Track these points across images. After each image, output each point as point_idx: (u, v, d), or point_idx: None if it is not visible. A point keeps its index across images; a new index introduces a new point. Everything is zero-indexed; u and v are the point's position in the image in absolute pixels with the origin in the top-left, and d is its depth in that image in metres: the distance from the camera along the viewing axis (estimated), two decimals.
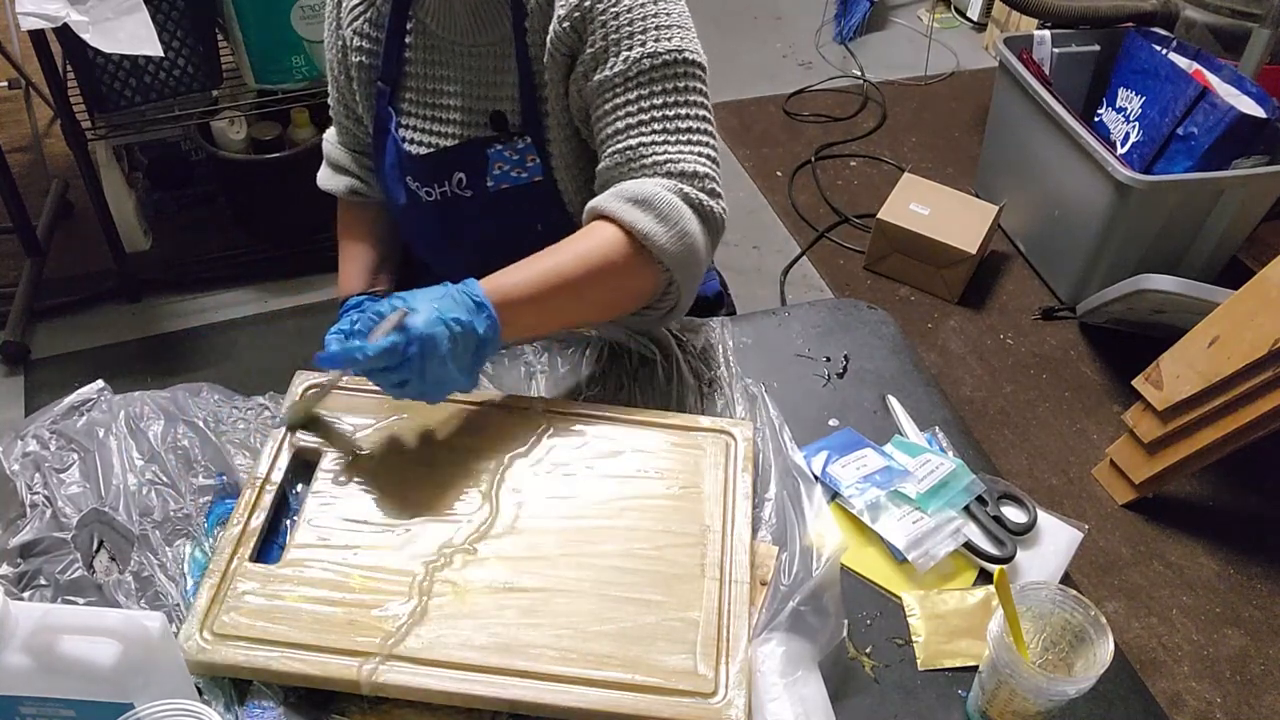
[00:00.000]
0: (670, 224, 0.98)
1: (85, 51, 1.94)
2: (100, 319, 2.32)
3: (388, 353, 0.86)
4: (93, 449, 0.98)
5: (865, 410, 1.10)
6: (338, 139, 1.28)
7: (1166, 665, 1.80)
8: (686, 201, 1.00)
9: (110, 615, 0.75)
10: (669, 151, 1.01)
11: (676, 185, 1.00)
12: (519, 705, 0.81)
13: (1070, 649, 0.83)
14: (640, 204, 0.98)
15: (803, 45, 3.36)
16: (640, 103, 1.02)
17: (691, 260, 1.00)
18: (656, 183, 1.00)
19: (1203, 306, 1.90)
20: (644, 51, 1.01)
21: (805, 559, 0.91)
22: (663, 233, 0.97)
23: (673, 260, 0.98)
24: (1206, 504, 2.07)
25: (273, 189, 2.35)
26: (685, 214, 0.99)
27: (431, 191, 1.15)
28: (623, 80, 1.01)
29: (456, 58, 1.11)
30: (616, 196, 0.99)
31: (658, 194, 0.98)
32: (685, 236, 0.99)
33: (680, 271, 1.00)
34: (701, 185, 1.01)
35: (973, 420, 2.19)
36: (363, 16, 1.14)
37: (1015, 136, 2.53)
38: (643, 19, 1.01)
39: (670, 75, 1.02)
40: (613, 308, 1.02)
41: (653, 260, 0.99)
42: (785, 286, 2.50)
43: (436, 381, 0.89)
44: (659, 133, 1.02)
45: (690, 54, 1.03)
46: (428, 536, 0.91)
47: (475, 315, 0.89)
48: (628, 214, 0.97)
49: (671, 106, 1.02)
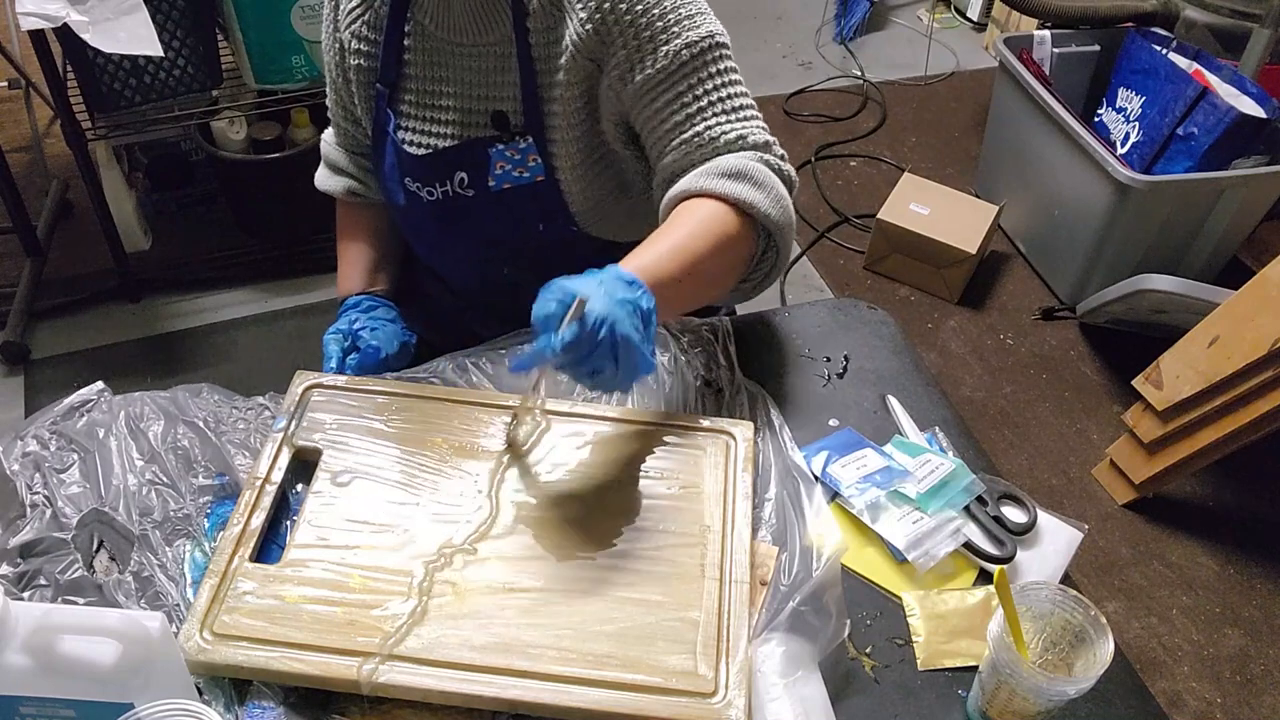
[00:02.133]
0: (767, 190, 1.02)
1: (85, 51, 1.94)
2: (100, 319, 2.32)
3: (577, 342, 0.84)
4: (93, 449, 0.98)
5: (865, 410, 1.10)
6: (336, 140, 1.28)
7: (1166, 665, 1.80)
8: (771, 168, 1.04)
9: (110, 615, 0.75)
10: (737, 129, 1.05)
11: (758, 155, 1.04)
12: (519, 705, 0.81)
13: (1070, 649, 0.83)
14: (735, 177, 1.01)
15: (803, 45, 3.36)
16: (694, 90, 1.04)
17: (787, 222, 1.04)
18: (739, 156, 1.03)
19: (1203, 306, 1.90)
20: (682, 43, 1.03)
21: (805, 559, 0.91)
22: (764, 199, 1.01)
23: (774, 225, 1.03)
24: (1206, 504, 2.07)
25: (273, 189, 2.35)
26: (775, 180, 1.04)
27: (433, 191, 1.15)
28: (666, 75, 1.03)
29: (456, 59, 1.11)
30: (708, 174, 1.02)
31: (748, 165, 1.02)
32: (781, 199, 1.03)
33: (779, 235, 1.04)
34: (778, 154, 1.07)
35: (973, 420, 2.19)
36: (360, 19, 1.14)
37: (1015, 137, 2.53)
38: (671, 11, 1.03)
39: (711, 60, 1.05)
40: (729, 279, 1.06)
41: (754, 227, 1.03)
42: (785, 286, 2.50)
43: (629, 364, 0.87)
44: (720, 114, 1.05)
45: (720, 36, 1.06)
46: (428, 536, 0.91)
47: (637, 292, 0.88)
48: (727, 188, 1.00)
49: (722, 88, 1.05)
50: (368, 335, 1.16)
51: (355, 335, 1.17)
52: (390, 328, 1.20)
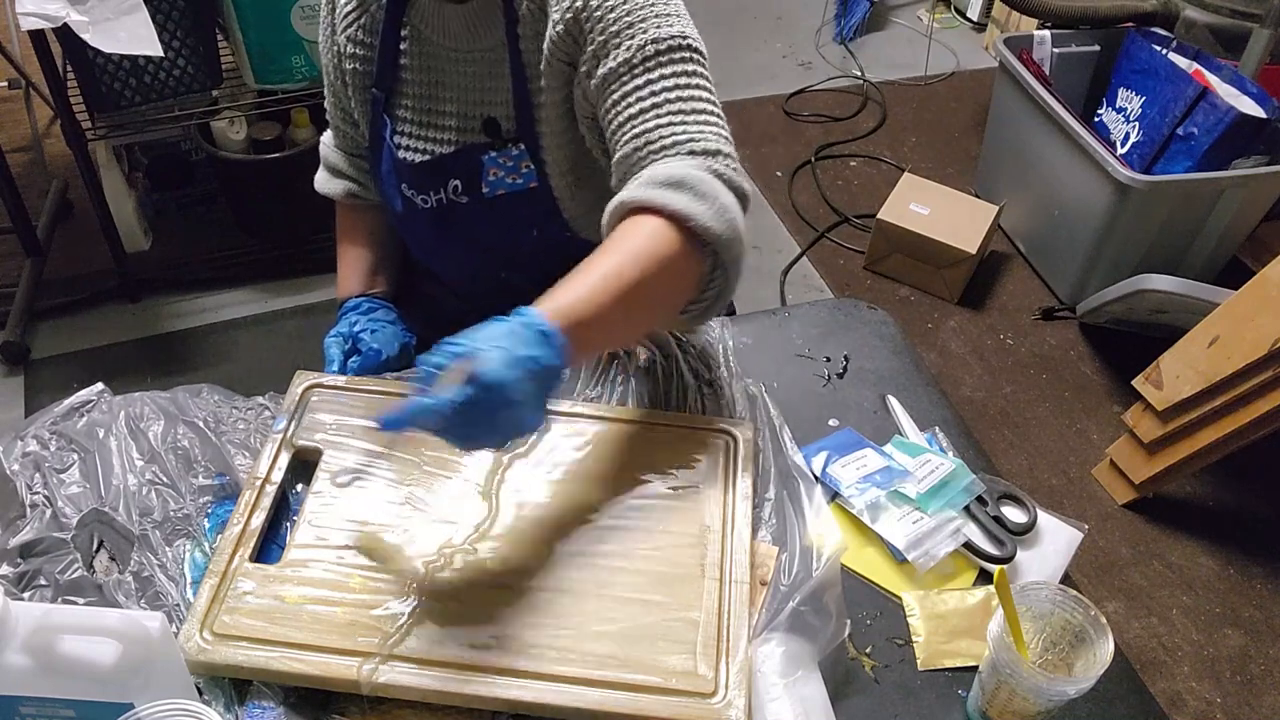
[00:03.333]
0: (710, 201, 0.92)
1: (85, 51, 1.94)
2: (100, 319, 2.32)
3: (460, 409, 0.77)
4: (93, 449, 0.98)
5: (865, 410, 1.10)
6: (334, 143, 1.28)
7: (1166, 665, 1.80)
8: (718, 177, 0.95)
9: (110, 615, 0.75)
10: (688, 131, 0.97)
11: (703, 162, 0.95)
12: (519, 705, 0.81)
13: (1070, 649, 0.83)
14: (673, 185, 0.92)
15: (803, 45, 3.36)
16: (650, 86, 0.98)
17: (734, 237, 0.93)
18: (683, 162, 0.95)
19: (1203, 306, 1.90)
20: (647, 38, 0.98)
21: (805, 559, 0.91)
22: (705, 211, 0.91)
23: (718, 239, 0.92)
24: (1206, 504, 2.07)
25: (273, 189, 2.35)
26: (721, 189, 0.94)
27: (428, 199, 1.15)
28: (628, 68, 0.99)
29: (452, 64, 1.11)
30: (646, 184, 0.93)
31: (689, 173, 0.93)
32: (726, 211, 0.93)
33: (725, 252, 0.94)
34: (729, 163, 0.97)
35: (973, 420, 2.19)
36: (356, 23, 1.13)
37: (1015, 137, 2.53)
38: (641, 8, 0.99)
39: (677, 59, 0.99)
40: (672, 306, 0.96)
41: (698, 245, 0.92)
42: (785, 286, 2.50)
43: (510, 428, 0.81)
44: (674, 114, 0.98)
45: (691, 40, 1.01)
46: (428, 536, 0.91)
47: (545, 348, 0.80)
48: (664, 198, 0.91)
49: (682, 89, 0.99)
50: (368, 338, 1.16)
51: (356, 338, 1.17)
52: (390, 329, 1.20)
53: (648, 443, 1.00)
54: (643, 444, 1.00)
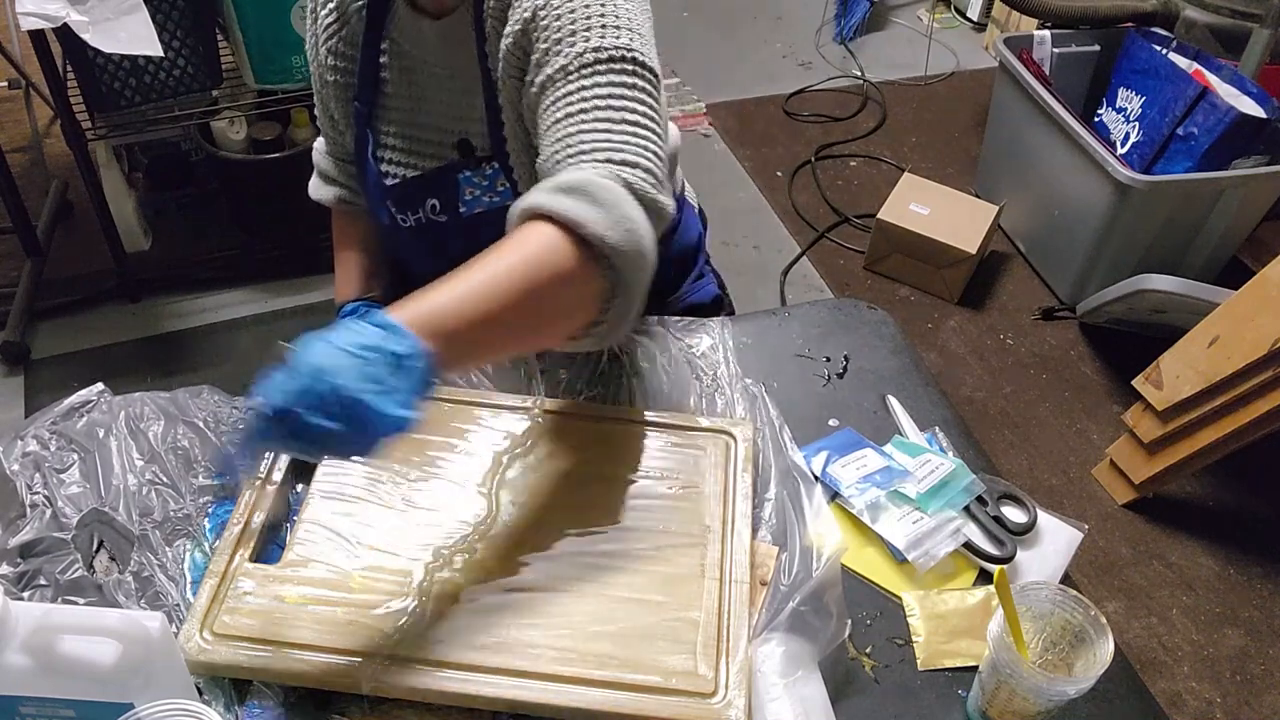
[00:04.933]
0: (608, 209, 0.84)
1: (85, 51, 1.94)
2: (100, 319, 2.32)
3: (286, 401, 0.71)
4: (93, 449, 0.98)
5: (865, 410, 1.10)
6: (326, 149, 1.28)
7: (1166, 665, 1.80)
8: (627, 188, 0.87)
9: (110, 615, 0.75)
10: (610, 139, 0.90)
11: (615, 170, 0.88)
12: (519, 705, 0.81)
13: (1070, 649, 0.83)
14: (572, 191, 0.85)
15: (803, 45, 3.36)
16: (582, 93, 0.93)
17: (633, 249, 0.85)
18: (592, 169, 0.88)
19: (1203, 306, 1.90)
20: (588, 46, 0.93)
21: (805, 559, 0.91)
22: (599, 219, 0.83)
23: (616, 252, 0.84)
24: (1206, 504, 2.07)
25: (273, 189, 2.35)
26: (626, 199, 0.86)
27: (406, 218, 1.14)
28: (564, 74, 0.94)
29: (433, 80, 1.09)
30: (545, 189, 0.86)
31: (591, 179, 0.86)
32: (626, 222, 0.84)
33: (626, 268, 0.85)
34: (644, 177, 0.89)
35: (973, 420, 2.19)
36: (336, 35, 1.12)
37: (1015, 136, 2.53)
38: (587, 18, 0.94)
39: (616, 70, 0.93)
40: (564, 320, 0.88)
41: (595, 257, 0.84)
42: (785, 286, 2.50)
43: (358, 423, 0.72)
44: (600, 121, 0.91)
45: (639, 55, 0.94)
46: (428, 536, 0.91)
47: (384, 338, 0.74)
48: (557, 203, 0.84)
49: (616, 98, 0.92)
50: None
51: None
52: None
53: (648, 443, 1.00)
54: (643, 444, 1.00)
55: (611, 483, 0.97)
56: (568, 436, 1.01)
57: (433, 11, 1.05)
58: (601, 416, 1.03)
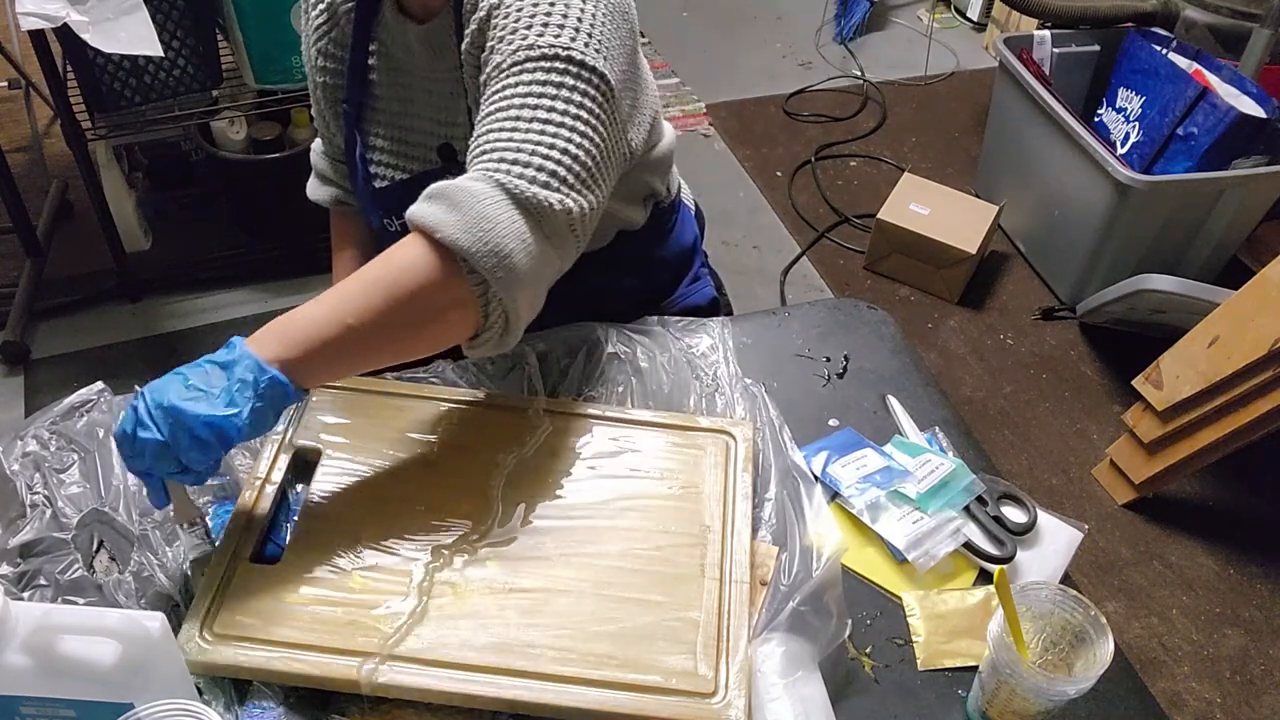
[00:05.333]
0: (463, 211, 0.82)
1: (85, 51, 1.94)
2: (100, 319, 2.32)
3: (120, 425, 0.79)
4: (93, 449, 0.98)
5: (865, 410, 1.10)
6: (323, 149, 1.28)
7: (1166, 665, 1.80)
8: (499, 187, 0.84)
9: (110, 615, 0.75)
10: (514, 139, 0.86)
11: (493, 169, 0.85)
12: (519, 705, 0.81)
13: (1070, 649, 0.83)
14: (431, 197, 0.84)
15: (803, 45, 3.36)
16: (505, 91, 0.89)
17: (488, 253, 0.82)
18: (475, 171, 0.86)
19: (1203, 306, 1.90)
20: (524, 44, 0.89)
21: (805, 559, 0.91)
22: (450, 222, 0.82)
23: (472, 255, 0.82)
24: (1206, 504, 2.07)
25: (273, 189, 2.35)
26: (488, 199, 0.83)
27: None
28: (497, 71, 0.90)
29: (420, 84, 1.09)
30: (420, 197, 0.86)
31: (460, 183, 0.84)
32: (482, 223, 0.82)
33: (487, 270, 0.83)
34: (531, 174, 0.85)
35: (973, 420, 2.19)
36: (326, 36, 1.12)
37: (1015, 136, 2.53)
38: (533, 16, 0.90)
39: (545, 68, 0.89)
40: (429, 327, 0.87)
41: (455, 261, 0.83)
42: (785, 286, 2.50)
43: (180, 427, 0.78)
44: (510, 120, 0.88)
45: (577, 54, 0.89)
46: (428, 536, 0.91)
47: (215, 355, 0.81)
48: (417, 211, 0.83)
49: (538, 96, 0.88)
50: None
51: None
52: None
53: (648, 443, 1.00)
54: (643, 444, 1.00)
55: (611, 483, 0.97)
56: (567, 436, 1.01)
57: (418, 15, 1.05)
58: (601, 416, 1.03)
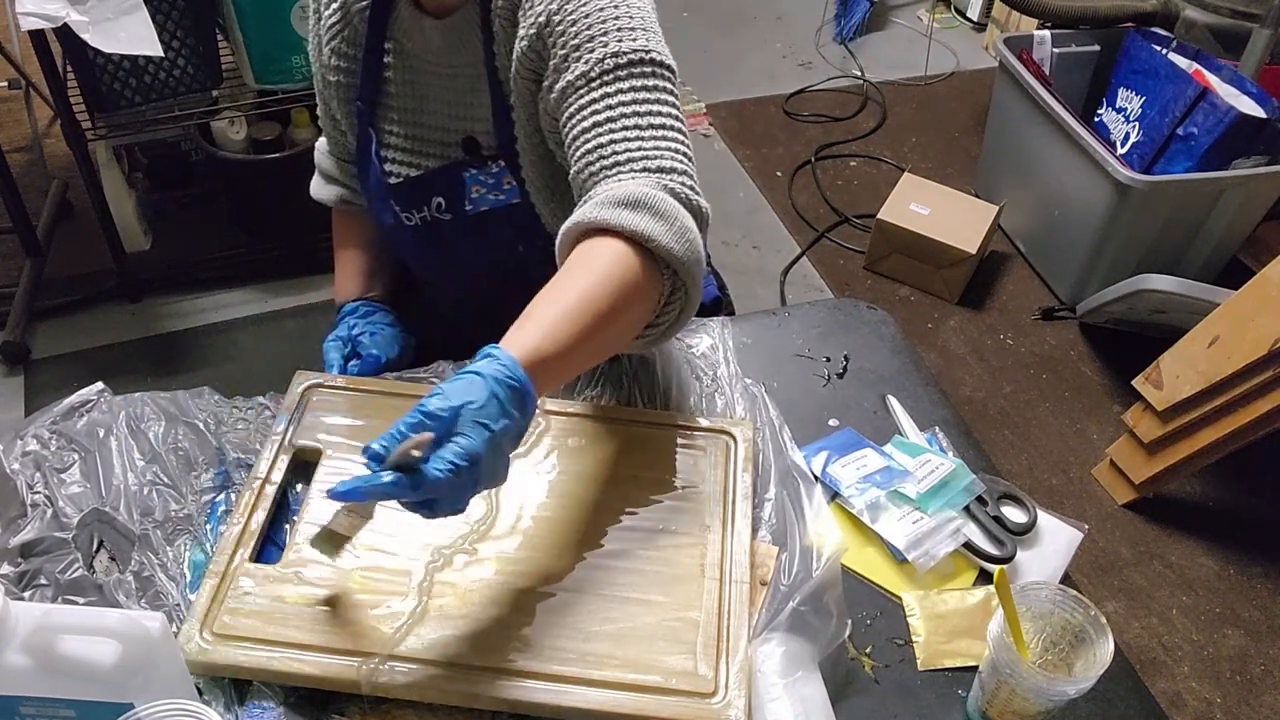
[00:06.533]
0: (670, 221, 0.89)
1: (85, 51, 1.94)
2: (100, 319, 2.32)
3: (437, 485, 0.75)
4: (93, 449, 0.98)
5: (865, 410, 1.10)
6: (328, 149, 1.28)
7: (1166, 665, 1.80)
8: (675, 196, 0.92)
9: (110, 615, 0.75)
10: (643, 147, 0.94)
11: (658, 181, 0.92)
12: (519, 705, 0.81)
13: (1070, 649, 0.83)
14: (632, 206, 0.89)
15: (803, 45, 3.36)
16: (607, 99, 0.95)
17: (694, 258, 0.91)
18: (639, 182, 0.92)
19: (1203, 306, 1.90)
20: (608, 51, 0.95)
21: (805, 559, 0.91)
22: (665, 233, 0.88)
23: (679, 261, 0.89)
24: (1206, 504, 2.07)
25: (273, 189, 2.35)
26: (679, 210, 0.91)
27: (411, 217, 1.15)
28: (586, 81, 0.95)
29: (436, 79, 1.10)
30: (603, 204, 0.89)
31: (647, 193, 0.89)
32: (686, 233, 0.90)
33: (686, 273, 0.91)
34: (685, 181, 0.94)
35: (973, 420, 2.19)
36: (340, 35, 1.12)
37: (1015, 136, 2.53)
38: (603, 22, 0.96)
39: (637, 74, 0.96)
40: (632, 330, 0.92)
41: (659, 267, 0.90)
42: (785, 286, 2.50)
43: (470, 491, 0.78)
44: (629, 128, 0.94)
45: (657, 54, 0.97)
46: (428, 536, 0.91)
47: (521, 409, 0.79)
48: (624, 219, 0.88)
49: (641, 103, 0.95)
50: (367, 341, 1.17)
51: (355, 342, 1.17)
52: (388, 332, 1.20)
53: (648, 443, 1.00)
54: (643, 444, 1.00)
55: (611, 483, 0.97)
56: (567, 436, 1.01)
57: (435, 11, 1.06)
58: (601, 416, 1.03)
